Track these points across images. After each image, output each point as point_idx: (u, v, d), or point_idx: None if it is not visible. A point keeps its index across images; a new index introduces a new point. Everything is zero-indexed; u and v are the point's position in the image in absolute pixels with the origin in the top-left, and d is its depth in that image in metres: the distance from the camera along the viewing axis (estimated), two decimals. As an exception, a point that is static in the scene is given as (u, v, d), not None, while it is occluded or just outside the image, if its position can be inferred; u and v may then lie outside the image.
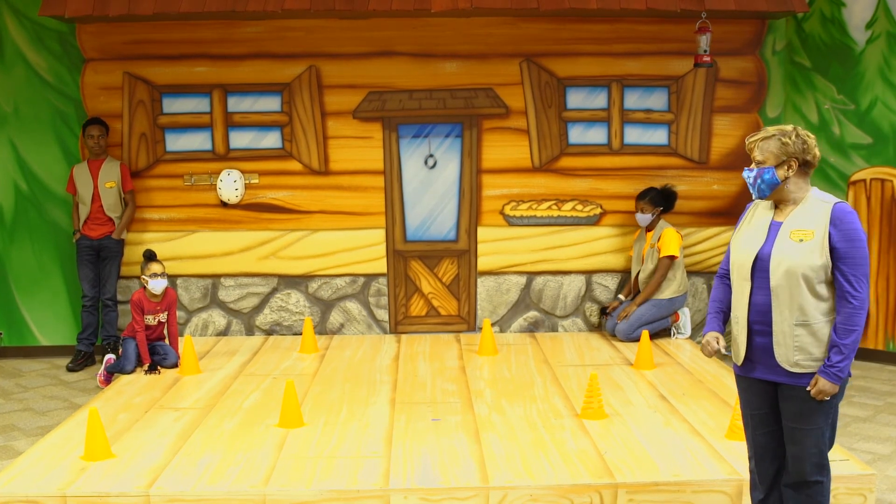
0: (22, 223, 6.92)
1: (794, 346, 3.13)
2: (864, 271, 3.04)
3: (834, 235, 3.04)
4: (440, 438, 4.43)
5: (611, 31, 6.76)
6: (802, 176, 3.17)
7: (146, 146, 6.82)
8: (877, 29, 6.43)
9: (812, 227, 3.09)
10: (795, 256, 3.09)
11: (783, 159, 3.13)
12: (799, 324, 3.11)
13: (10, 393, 6.09)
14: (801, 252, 3.08)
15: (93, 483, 3.90)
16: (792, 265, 3.09)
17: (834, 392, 3.09)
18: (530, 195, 6.92)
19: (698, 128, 6.87)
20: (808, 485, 3.22)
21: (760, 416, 3.33)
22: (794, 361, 3.14)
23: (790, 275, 3.09)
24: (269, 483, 3.88)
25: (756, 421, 3.35)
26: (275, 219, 6.92)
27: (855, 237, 3.04)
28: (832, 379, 3.07)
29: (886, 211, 6.49)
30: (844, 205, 3.10)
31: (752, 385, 3.32)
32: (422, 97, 6.79)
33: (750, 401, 3.36)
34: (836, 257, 3.05)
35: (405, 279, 7.03)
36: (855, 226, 3.05)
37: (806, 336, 3.11)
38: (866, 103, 6.52)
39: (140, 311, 5.83)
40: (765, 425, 3.34)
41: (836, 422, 3.23)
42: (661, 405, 4.97)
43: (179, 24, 6.67)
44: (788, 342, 3.13)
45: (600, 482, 3.85)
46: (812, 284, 3.08)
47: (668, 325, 6.70)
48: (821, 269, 3.07)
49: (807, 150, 3.13)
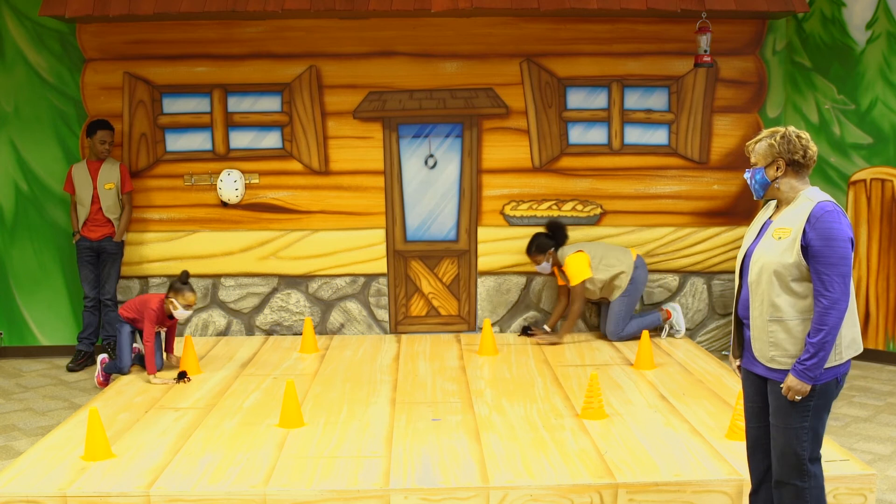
0: (22, 223, 6.92)
1: (769, 341, 3.16)
2: (839, 271, 3.01)
3: (809, 234, 3.05)
4: (440, 438, 4.43)
5: (611, 31, 6.76)
6: (794, 176, 3.19)
7: (146, 146, 6.82)
8: (877, 29, 6.43)
9: (791, 226, 3.12)
10: (770, 254, 3.14)
11: (770, 160, 3.19)
12: (773, 319, 3.14)
13: (11, 393, 6.09)
14: (777, 249, 3.12)
15: (93, 483, 3.90)
16: (766, 262, 3.14)
17: (804, 391, 3.08)
18: (530, 195, 6.93)
19: (698, 128, 6.87)
20: (786, 486, 3.22)
21: (753, 409, 3.40)
22: (770, 357, 3.18)
23: (763, 271, 3.15)
24: (269, 483, 3.88)
25: (750, 413, 3.43)
26: (275, 219, 6.92)
27: (830, 236, 3.02)
28: (801, 377, 3.07)
29: (886, 211, 6.49)
30: (826, 204, 3.08)
31: (748, 376, 3.40)
32: (422, 97, 6.79)
33: (747, 392, 3.43)
34: (810, 255, 3.05)
35: (405, 279, 7.03)
36: (832, 225, 3.02)
37: (780, 332, 3.14)
38: (866, 103, 6.52)
39: (155, 323, 5.66)
40: (757, 419, 3.39)
41: (818, 428, 3.18)
42: (661, 405, 4.97)
43: (180, 24, 6.67)
44: (764, 337, 3.18)
45: (600, 482, 3.85)
46: (785, 281, 3.10)
47: (660, 323, 6.68)
48: (793, 267, 3.08)
49: (793, 150, 3.15)
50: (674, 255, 7.00)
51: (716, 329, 7.08)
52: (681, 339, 6.67)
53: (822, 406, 3.16)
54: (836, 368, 3.13)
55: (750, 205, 6.96)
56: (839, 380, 3.16)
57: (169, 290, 5.71)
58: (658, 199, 6.95)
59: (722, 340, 7.08)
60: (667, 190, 6.94)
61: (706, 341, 7.07)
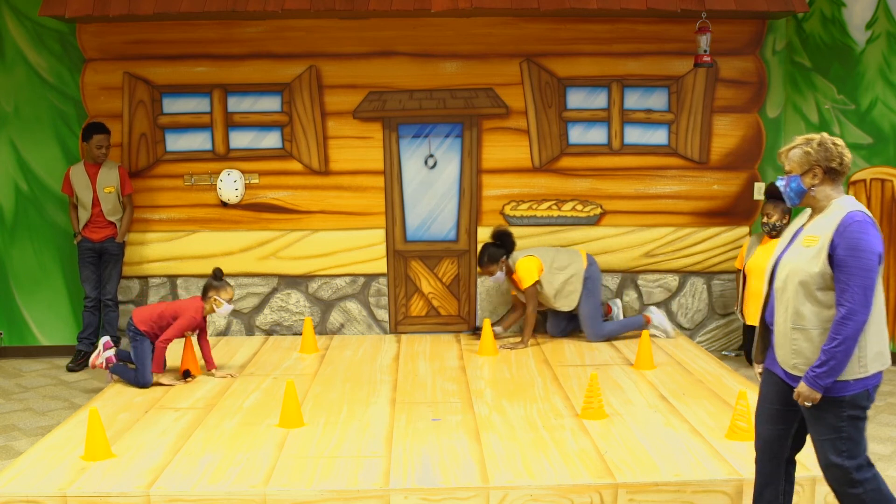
0: (22, 223, 6.92)
1: (792, 348, 3.15)
2: (860, 282, 2.97)
3: (836, 243, 3.02)
4: (440, 438, 4.43)
5: (611, 31, 6.76)
6: (830, 184, 3.16)
7: (146, 146, 6.82)
8: (877, 29, 6.42)
9: (820, 234, 3.09)
10: (797, 262, 3.12)
11: (807, 168, 3.15)
12: (796, 327, 3.12)
13: (11, 393, 6.09)
14: (804, 258, 3.10)
15: (93, 483, 3.90)
16: (792, 270, 3.13)
17: (813, 399, 3.06)
18: (530, 195, 6.93)
19: (698, 128, 6.87)
20: (841, 495, 3.19)
21: (770, 412, 3.35)
22: (792, 364, 3.16)
23: (789, 279, 3.13)
24: (269, 483, 3.88)
25: (766, 415, 3.37)
26: (275, 219, 6.92)
27: (857, 246, 2.99)
28: (811, 384, 3.05)
29: (886, 211, 6.49)
30: (856, 214, 3.04)
31: (770, 377, 3.35)
32: (422, 97, 6.79)
33: (765, 392, 3.37)
34: (834, 265, 3.03)
35: (405, 279, 7.03)
36: (860, 236, 2.99)
37: (803, 341, 3.12)
38: (866, 103, 6.52)
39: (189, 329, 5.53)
40: (772, 421, 3.35)
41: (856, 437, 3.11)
42: (661, 405, 4.97)
43: (179, 24, 6.67)
44: (787, 344, 3.16)
45: (600, 482, 3.85)
46: (810, 290, 3.08)
47: (643, 326, 6.60)
48: (819, 276, 3.05)
49: (830, 157, 3.12)
50: (674, 255, 7.00)
51: (716, 329, 7.08)
52: (681, 339, 6.67)
53: (855, 417, 3.11)
54: (865, 380, 3.08)
55: (750, 205, 6.96)
56: (870, 392, 3.11)
57: (207, 290, 5.55)
58: (658, 199, 6.95)
59: (722, 340, 7.08)
60: (667, 190, 6.94)
61: (706, 341, 7.07)
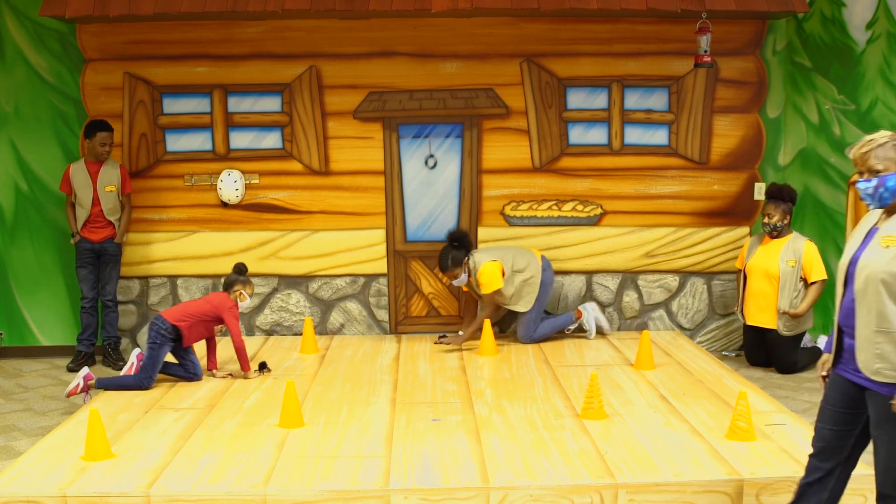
0: (22, 223, 6.92)
1: (875, 353, 3.05)
2: None
3: None
4: (440, 438, 4.43)
5: (611, 31, 6.76)
6: None
7: (146, 146, 6.82)
8: (877, 29, 6.42)
9: None
10: (877, 262, 3.03)
11: None
12: (880, 330, 3.03)
13: (11, 393, 6.09)
14: (884, 258, 3.02)
15: (93, 483, 3.90)
16: (872, 270, 3.03)
17: None
18: (531, 195, 6.92)
19: (698, 128, 6.87)
20: (892, 499, 3.14)
21: (833, 413, 3.29)
22: (875, 369, 3.06)
23: (870, 280, 3.04)
24: (269, 483, 3.88)
25: (828, 415, 3.31)
26: (275, 219, 6.92)
27: None
28: None
29: (887, 211, 6.48)
30: None
31: (837, 381, 3.28)
32: (422, 97, 6.79)
33: (830, 395, 3.31)
34: None
35: (405, 279, 7.03)
36: None
37: (887, 344, 3.02)
38: (867, 103, 6.51)
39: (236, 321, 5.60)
40: (833, 422, 3.29)
41: None
42: (661, 405, 4.97)
43: (180, 24, 6.67)
44: (870, 349, 3.06)
45: (601, 482, 3.85)
46: (893, 291, 2.99)
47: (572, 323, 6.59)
48: None
49: None
50: (674, 256, 7.00)
51: (716, 329, 7.08)
52: (681, 339, 6.67)
53: None
54: None
55: (750, 205, 6.96)
56: None
57: (233, 285, 5.62)
58: (658, 199, 6.95)
59: (722, 341, 7.08)
60: (667, 190, 6.94)
61: (706, 341, 7.07)
